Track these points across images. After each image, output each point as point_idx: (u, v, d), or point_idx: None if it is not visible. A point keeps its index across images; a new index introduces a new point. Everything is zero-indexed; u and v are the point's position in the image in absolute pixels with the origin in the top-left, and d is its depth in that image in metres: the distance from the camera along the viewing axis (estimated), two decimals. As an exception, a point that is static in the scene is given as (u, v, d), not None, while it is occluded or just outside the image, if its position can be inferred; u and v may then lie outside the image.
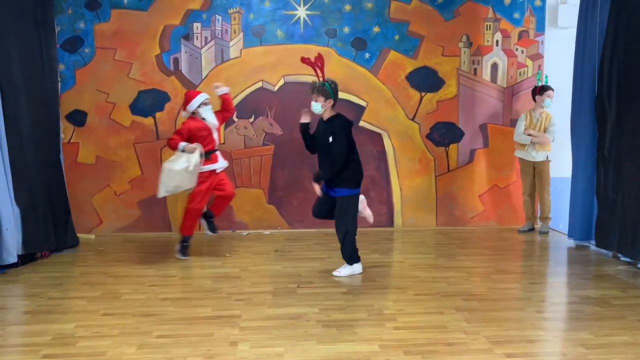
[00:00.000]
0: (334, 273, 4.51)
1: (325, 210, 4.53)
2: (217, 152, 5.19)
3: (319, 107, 4.38)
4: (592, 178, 5.45)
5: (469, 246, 5.60)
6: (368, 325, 3.41)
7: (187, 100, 5.13)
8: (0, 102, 4.66)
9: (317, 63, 4.46)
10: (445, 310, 3.67)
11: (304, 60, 4.53)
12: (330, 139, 4.32)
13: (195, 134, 5.00)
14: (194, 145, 4.90)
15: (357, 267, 4.55)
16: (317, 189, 4.45)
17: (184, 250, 5.13)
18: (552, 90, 6.02)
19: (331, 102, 4.38)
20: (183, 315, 3.61)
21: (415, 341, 3.16)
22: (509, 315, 3.60)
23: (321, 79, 4.42)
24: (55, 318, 3.58)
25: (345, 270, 4.52)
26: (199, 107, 5.07)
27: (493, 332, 3.30)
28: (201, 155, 4.93)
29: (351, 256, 4.52)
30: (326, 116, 4.42)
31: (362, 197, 4.57)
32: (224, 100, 5.29)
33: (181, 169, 4.80)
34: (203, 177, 5.03)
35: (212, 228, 5.28)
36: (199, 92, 5.19)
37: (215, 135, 5.18)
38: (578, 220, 5.60)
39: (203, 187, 5.04)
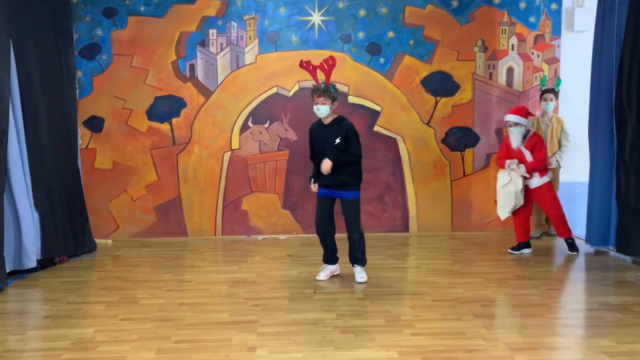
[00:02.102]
0: (359, 280, 4.45)
1: (330, 216, 4.47)
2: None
3: (327, 110, 4.27)
4: (610, 183, 5.39)
5: (485, 251, 5.56)
6: (386, 332, 3.39)
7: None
8: (20, 109, 4.73)
9: (323, 66, 4.45)
10: (464, 317, 3.64)
11: (302, 64, 4.52)
12: (338, 140, 4.26)
13: (510, 148, 5.32)
14: (516, 165, 5.26)
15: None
16: (315, 188, 4.42)
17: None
18: (550, 93, 5.97)
19: (336, 104, 4.33)
20: (201, 321, 3.62)
21: (433, 348, 3.14)
22: (529, 322, 3.56)
23: (320, 81, 4.38)
24: (75, 323, 3.61)
25: (364, 273, 4.51)
26: (510, 126, 5.29)
27: (513, 338, 3.26)
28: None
29: (364, 254, 4.51)
30: (328, 120, 4.35)
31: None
32: None
33: (514, 190, 5.22)
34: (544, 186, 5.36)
35: (573, 248, 5.47)
36: (513, 112, 5.32)
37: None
38: (596, 225, 5.53)
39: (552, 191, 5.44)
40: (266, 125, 6.26)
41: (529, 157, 5.27)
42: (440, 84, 6.33)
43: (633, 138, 4.99)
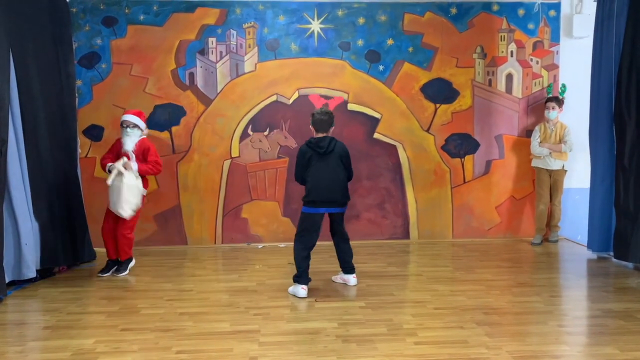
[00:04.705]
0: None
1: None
2: None
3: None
4: (610, 189, 5.39)
5: (486, 258, 5.54)
6: (388, 340, 3.37)
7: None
8: (20, 119, 4.72)
9: None
10: (466, 325, 3.62)
11: None
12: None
13: (119, 150, 5.15)
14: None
15: None
16: None
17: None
18: (552, 101, 6.06)
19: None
20: (201, 330, 3.60)
21: (437, 356, 3.12)
22: (531, 330, 3.54)
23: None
24: (75, 333, 3.58)
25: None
26: (128, 127, 5.06)
27: (516, 347, 3.24)
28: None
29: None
30: None
31: None
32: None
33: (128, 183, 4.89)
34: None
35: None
36: (133, 113, 5.14)
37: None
38: (597, 231, 5.53)
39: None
40: (266, 133, 6.25)
41: (133, 161, 5.02)
42: (440, 91, 6.34)
43: (632, 144, 4.99)
